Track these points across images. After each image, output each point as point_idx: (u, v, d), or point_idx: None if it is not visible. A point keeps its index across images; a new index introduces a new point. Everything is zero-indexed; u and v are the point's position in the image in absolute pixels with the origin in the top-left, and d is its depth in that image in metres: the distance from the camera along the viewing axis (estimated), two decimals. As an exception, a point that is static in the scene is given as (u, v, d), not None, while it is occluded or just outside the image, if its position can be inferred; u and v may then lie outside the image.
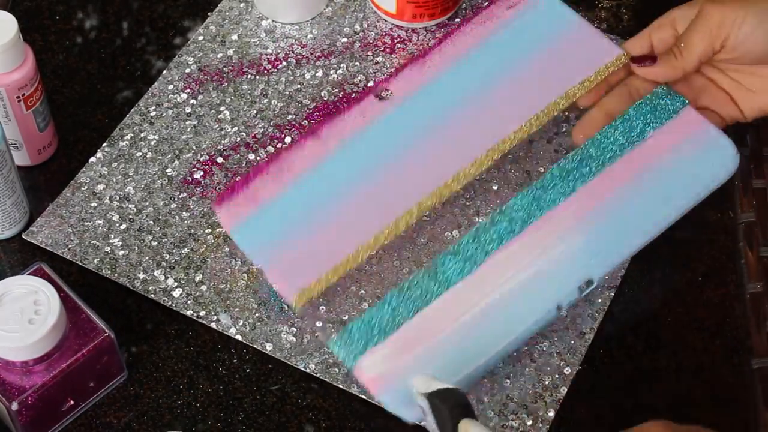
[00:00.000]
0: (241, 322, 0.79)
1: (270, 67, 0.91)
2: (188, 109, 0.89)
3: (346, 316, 0.77)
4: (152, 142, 0.87)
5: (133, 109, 0.89)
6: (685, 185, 0.77)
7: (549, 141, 0.84)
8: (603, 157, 0.78)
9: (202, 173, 0.85)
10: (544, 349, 0.77)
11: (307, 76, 0.90)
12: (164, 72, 0.91)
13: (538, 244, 0.75)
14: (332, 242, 0.77)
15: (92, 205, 0.84)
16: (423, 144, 0.81)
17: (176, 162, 0.86)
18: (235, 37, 0.93)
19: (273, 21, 0.93)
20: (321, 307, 0.78)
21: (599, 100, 0.81)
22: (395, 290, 0.74)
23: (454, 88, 0.82)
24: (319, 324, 0.77)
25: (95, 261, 0.81)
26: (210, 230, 0.83)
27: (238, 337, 0.78)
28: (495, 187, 0.83)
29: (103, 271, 0.81)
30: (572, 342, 0.78)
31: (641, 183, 0.77)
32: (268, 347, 0.78)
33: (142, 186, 0.85)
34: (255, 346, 0.78)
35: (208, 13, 0.94)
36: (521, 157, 0.82)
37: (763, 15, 0.76)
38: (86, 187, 0.85)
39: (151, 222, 0.83)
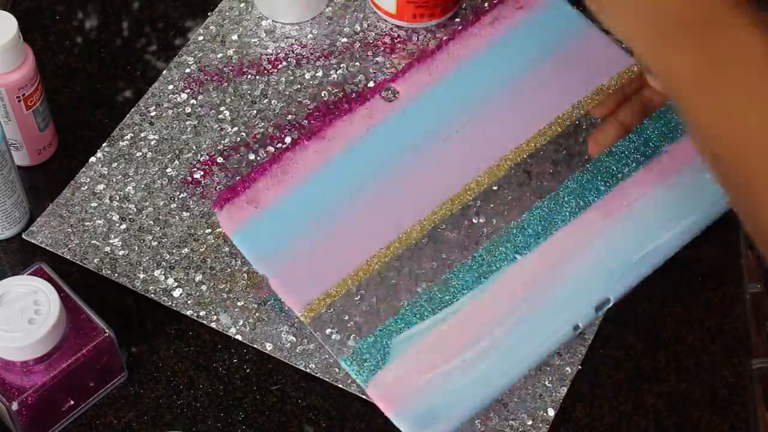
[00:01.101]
0: (241, 322, 0.79)
1: (270, 67, 0.91)
2: (188, 109, 0.89)
3: (355, 329, 0.74)
4: (152, 142, 0.87)
5: (133, 109, 0.89)
6: (699, 203, 0.77)
7: (561, 150, 0.81)
8: (619, 173, 0.78)
9: (202, 173, 0.85)
10: (544, 349, 0.77)
11: (307, 76, 0.90)
12: (164, 72, 0.91)
13: (552, 261, 0.75)
14: (338, 252, 0.76)
15: (92, 205, 0.84)
16: (431, 150, 0.80)
17: (176, 162, 0.86)
18: (235, 37, 0.93)
19: (273, 21, 0.93)
20: (331, 320, 0.75)
21: (612, 111, 0.80)
22: (406, 305, 0.74)
23: (462, 92, 0.81)
24: (329, 333, 0.74)
25: (95, 261, 0.81)
26: (210, 230, 0.83)
27: (238, 337, 0.78)
28: (508, 197, 0.79)
29: (103, 271, 0.81)
30: (572, 342, 0.78)
31: (656, 200, 0.76)
32: (268, 347, 0.78)
33: (142, 186, 0.85)
34: (255, 346, 0.78)
35: (208, 13, 0.94)
36: (534, 166, 0.80)
37: None
38: (86, 187, 0.85)
39: (151, 222, 0.83)
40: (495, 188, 0.79)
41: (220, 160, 0.86)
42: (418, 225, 0.77)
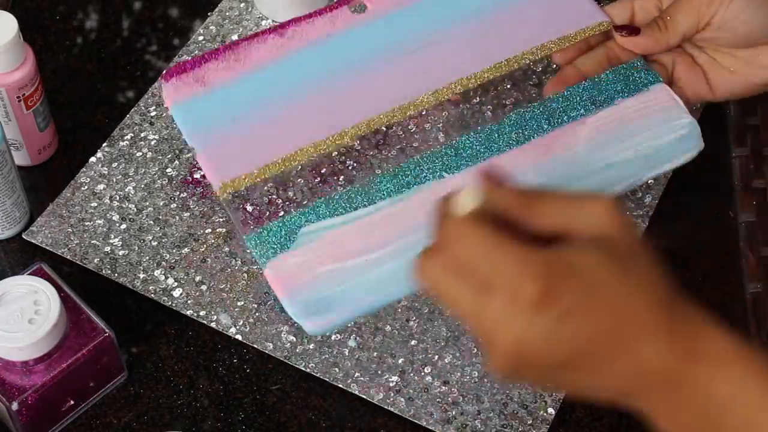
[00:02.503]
0: (241, 322, 0.79)
1: (270, 67, 0.91)
2: (188, 109, 0.89)
3: (267, 214, 0.73)
4: (152, 142, 0.87)
5: (133, 109, 0.89)
6: (645, 159, 0.75)
7: (514, 87, 0.80)
8: (565, 114, 0.77)
9: (202, 173, 0.85)
10: (544, 349, 0.77)
11: (307, 76, 0.90)
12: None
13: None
14: (273, 139, 0.74)
15: (92, 205, 0.84)
16: (388, 64, 0.78)
17: (176, 162, 0.86)
18: (235, 37, 0.93)
19: (273, 21, 0.93)
20: (247, 205, 0.75)
21: (573, 59, 0.80)
22: (323, 199, 0.73)
23: (431, 16, 0.80)
24: (241, 216, 0.73)
25: (95, 261, 0.81)
26: (210, 230, 0.83)
27: (238, 337, 0.78)
28: (449, 121, 0.78)
29: (103, 271, 0.81)
30: (572, 342, 0.78)
31: (596, 146, 0.76)
32: (268, 347, 0.78)
33: (142, 186, 0.85)
34: (255, 346, 0.78)
35: (208, 13, 0.94)
36: (483, 96, 0.78)
37: None
38: (86, 187, 0.85)
39: (151, 222, 0.83)
40: (437, 110, 0.77)
41: (220, 160, 0.86)
42: (355, 128, 0.76)
